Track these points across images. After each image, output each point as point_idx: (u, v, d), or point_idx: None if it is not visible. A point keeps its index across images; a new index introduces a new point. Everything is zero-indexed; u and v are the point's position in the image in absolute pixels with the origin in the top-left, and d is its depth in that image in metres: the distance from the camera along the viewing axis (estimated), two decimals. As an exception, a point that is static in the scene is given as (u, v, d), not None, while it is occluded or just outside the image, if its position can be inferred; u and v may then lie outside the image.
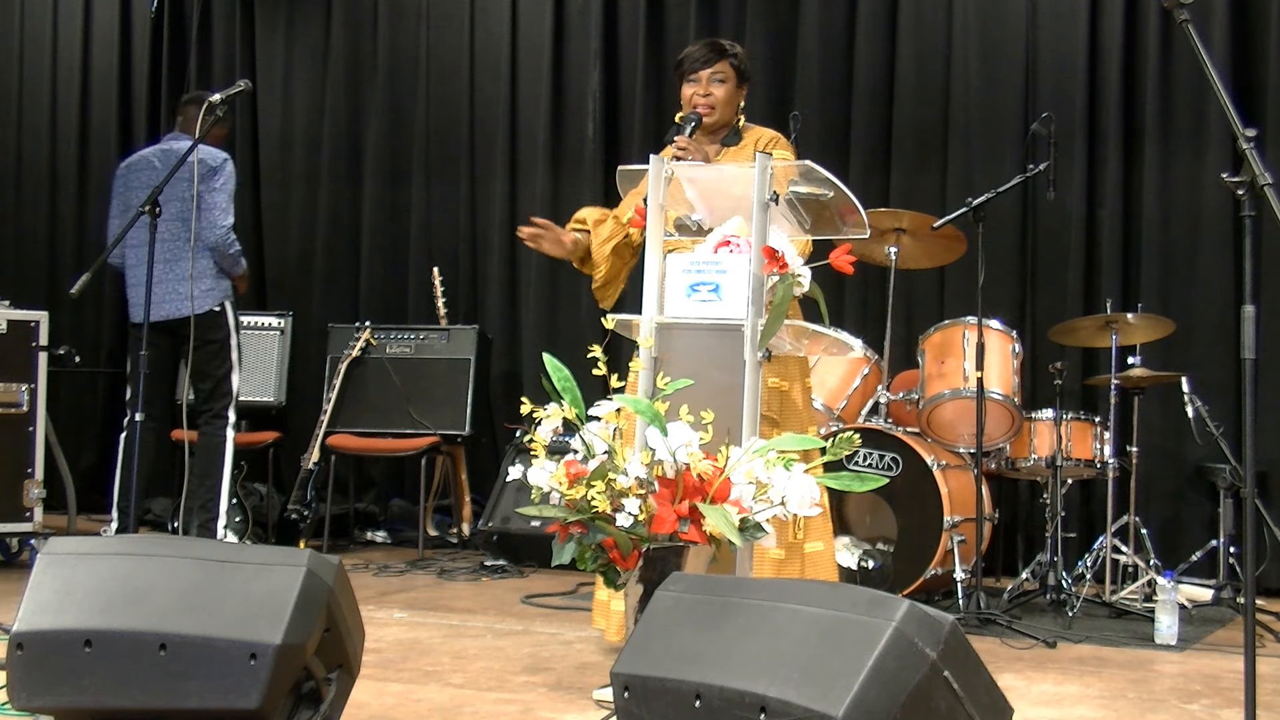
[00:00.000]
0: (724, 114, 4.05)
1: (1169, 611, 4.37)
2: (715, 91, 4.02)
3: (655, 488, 3.14)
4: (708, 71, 4.02)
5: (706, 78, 4.02)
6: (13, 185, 8.12)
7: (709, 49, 4.06)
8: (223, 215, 5.46)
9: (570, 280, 6.84)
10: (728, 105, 4.03)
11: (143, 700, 2.50)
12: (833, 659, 2.21)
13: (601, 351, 3.24)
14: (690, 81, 4.04)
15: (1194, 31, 2.94)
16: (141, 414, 4.53)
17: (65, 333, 6.69)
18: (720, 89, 4.02)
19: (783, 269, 3.42)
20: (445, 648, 4.04)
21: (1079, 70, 5.91)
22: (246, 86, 5.04)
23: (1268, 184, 2.71)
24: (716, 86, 4.02)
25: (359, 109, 7.36)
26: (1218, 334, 5.57)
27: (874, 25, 6.26)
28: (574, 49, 6.91)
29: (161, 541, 3.12)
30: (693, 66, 4.04)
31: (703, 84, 4.02)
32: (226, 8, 7.64)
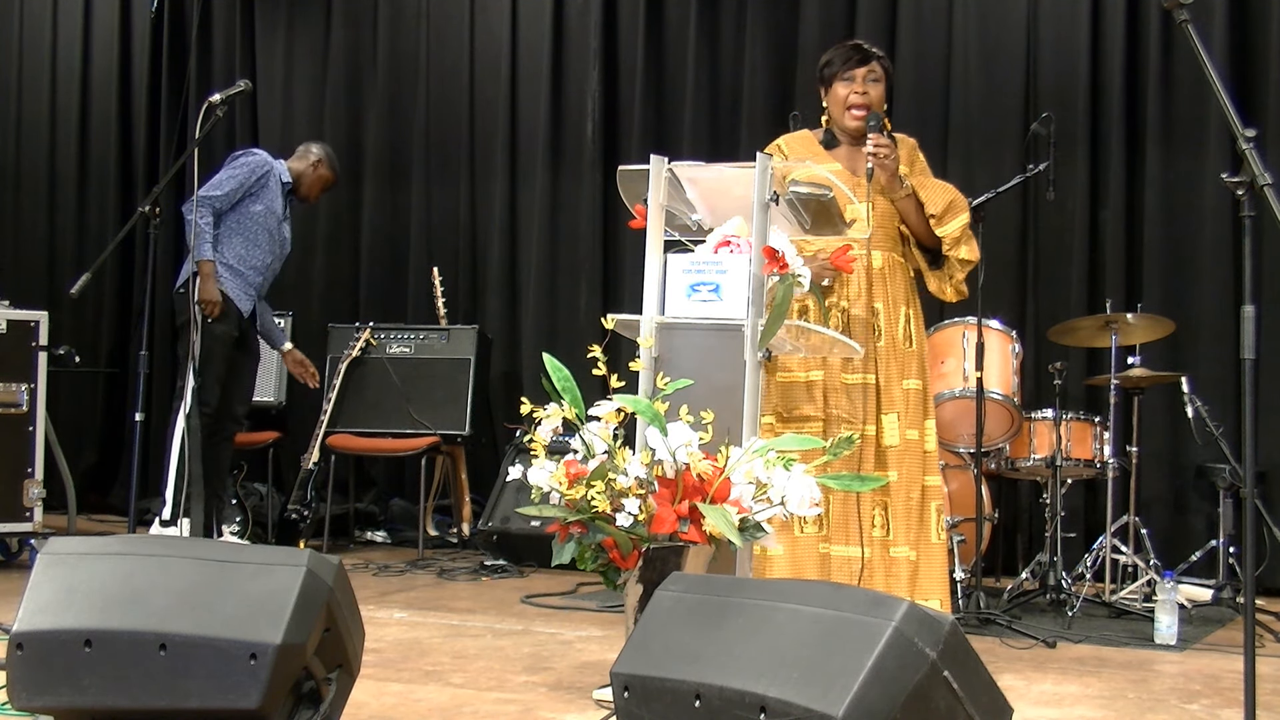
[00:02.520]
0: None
1: (1169, 611, 4.37)
2: (872, 91, 3.95)
3: (655, 488, 3.14)
4: (863, 70, 3.95)
5: (862, 76, 3.94)
6: (13, 185, 8.12)
7: (860, 49, 4.00)
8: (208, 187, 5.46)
9: (570, 280, 6.85)
10: (881, 106, 3.97)
11: (143, 700, 2.50)
12: (833, 659, 2.21)
13: (601, 351, 3.24)
14: (844, 80, 3.95)
15: (1194, 31, 2.94)
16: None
17: (65, 333, 6.68)
18: (876, 89, 3.96)
19: (783, 269, 3.42)
20: (445, 648, 4.04)
21: (1079, 70, 5.91)
22: (246, 86, 5.06)
23: (1267, 184, 2.71)
24: (873, 86, 3.95)
25: (359, 109, 7.36)
26: (1218, 334, 5.57)
27: (874, 25, 6.26)
28: (574, 49, 6.92)
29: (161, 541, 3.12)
30: (846, 66, 3.95)
31: (859, 82, 3.94)
32: (226, 8, 7.65)
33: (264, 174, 5.63)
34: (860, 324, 3.88)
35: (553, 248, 6.88)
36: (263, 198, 5.64)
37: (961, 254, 3.95)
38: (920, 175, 4.01)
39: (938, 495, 3.96)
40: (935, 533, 3.92)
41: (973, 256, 3.99)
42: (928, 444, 3.95)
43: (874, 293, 3.93)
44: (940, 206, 3.90)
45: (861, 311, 3.90)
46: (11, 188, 8.12)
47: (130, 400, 7.35)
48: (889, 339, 3.91)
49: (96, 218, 7.89)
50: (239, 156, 5.65)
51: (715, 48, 6.63)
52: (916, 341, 3.97)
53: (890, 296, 3.94)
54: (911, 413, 3.90)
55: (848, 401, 3.87)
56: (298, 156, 5.94)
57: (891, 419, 3.88)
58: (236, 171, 5.55)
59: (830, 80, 3.99)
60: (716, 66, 6.63)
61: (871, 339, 3.89)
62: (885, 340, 3.91)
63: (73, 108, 8.01)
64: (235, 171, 5.55)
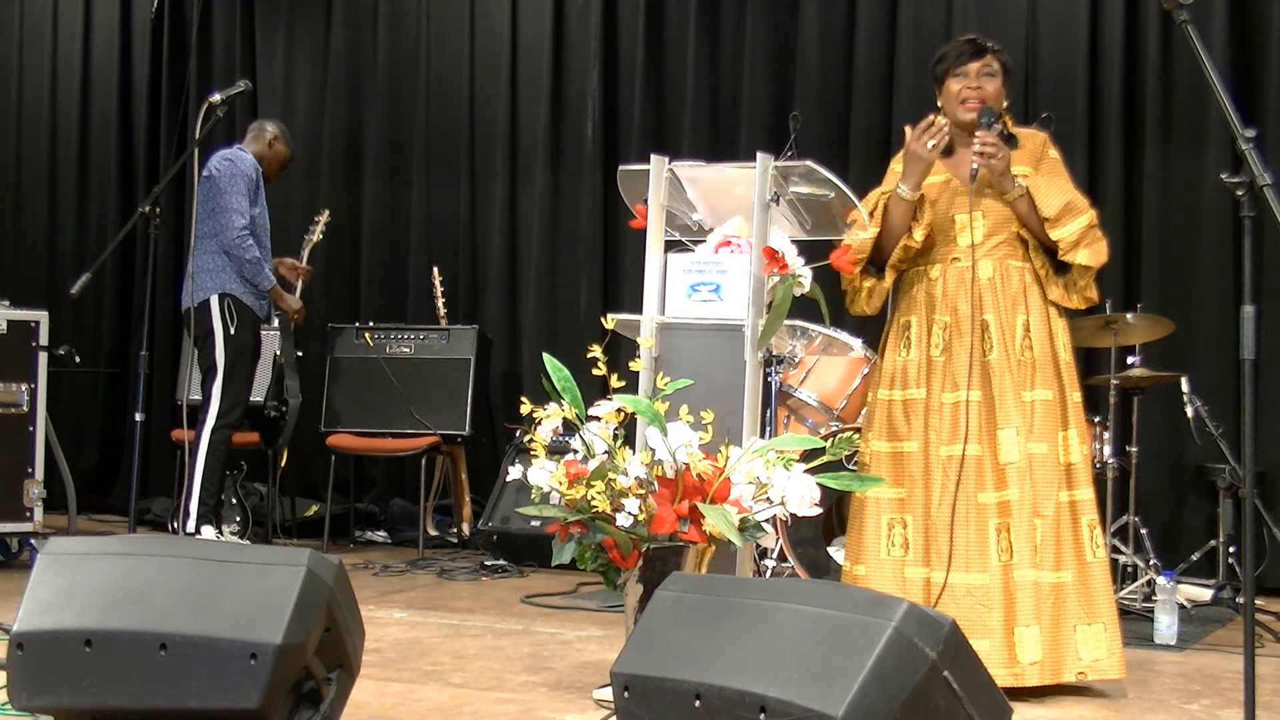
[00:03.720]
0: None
1: (1169, 611, 4.37)
2: (986, 86, 3.71)
3: (655, 488, 3.14)
4: (976, 65, 3.72)
5: (975, 71, 3.72)
6: (13, 185, 8.11)
7: (973, 43, 3.78)
8: (235, 218, 5.48)
9: (570, 280, 6.85)
10: (997, 102, 3.71)
11: (143, 700, 2.50)
12: (833, 659, 2.21)
13: (601, 351, 3.24)
14: (956, 76, 3.74)
15: (1194, 32, 2.94)
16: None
17: (65, 333, 6.68)
18: (990, 83, 3.72)
19: (783, 269, 3.42)
20: (445, 648, 4.04)
21: (1079, 70, 5.91)
22: (246, 86, 5.07)
23: (1267, 184, 2.72)
24: (987, 81, 3.72)
25: (359, 109, 7.36)
26: (1218, 334, 5.57)
27: (874, 25, 6.26)
28: (574, 49, 6.91)
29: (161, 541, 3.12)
30: (959, 61, 3.74)
31: (971, 77, 3.72)
32: (226, 8, 7.64)
33: (257, 177, 5.64)
34: (962, 339, 3.65)
35: (553, 248, 6.88)
36: (258, 199, 5.65)
37: (1080, 258, 3.62)
38: (1048, 174, 3.72)
39: (1089, 510, 3.64)
40: (1091, 550, 3.61)
41: (1094, 261, 3.64)
42: (1068, 456, 3.64)
43: (984, 305, 3.65)
44: (1055, 209, 3.60)
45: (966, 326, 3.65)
46: (11, 188, 8.12)
47: (130, 400, 7.35)
48: (1002, 351, 3.63)
49: (96, 218, 7.89)
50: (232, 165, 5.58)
51: (715, 48, 6.63)
52: (1040, 349, 3.65)
53: (1003, 306, 3.66)
54: (1038, 425, 3.61)
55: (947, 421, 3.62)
56: (253, 138, 5.86)
57: (1009, 434, 3.58)
58: (242, 185, 5.54)
59: (943, 77, 3.78)
60: (716, 66, 6.63)
61: (980, 354, 3.63)
62: (998, 353, 3.63)
63: (73, 108, 8.01)
64: (240, 185, 5.54)
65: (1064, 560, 3.58)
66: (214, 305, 5.50)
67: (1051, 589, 3.56)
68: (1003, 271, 3.69)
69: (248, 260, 5.51)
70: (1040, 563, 3.56)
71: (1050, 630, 3.54)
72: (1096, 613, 3.59)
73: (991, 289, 3.67)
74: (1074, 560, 3.59)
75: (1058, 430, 3.64)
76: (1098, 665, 3.57)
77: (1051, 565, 3.57)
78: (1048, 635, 3.53)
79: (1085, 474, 3.68)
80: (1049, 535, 3.57)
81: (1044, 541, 3.56)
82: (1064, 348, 3.72)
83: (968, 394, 3.62)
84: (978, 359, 3.63)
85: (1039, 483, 3.59)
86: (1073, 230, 3.62)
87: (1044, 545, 3.56)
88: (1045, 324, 3.68)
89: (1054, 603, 3.55)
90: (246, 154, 5.70)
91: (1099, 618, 3.59)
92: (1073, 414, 3.68)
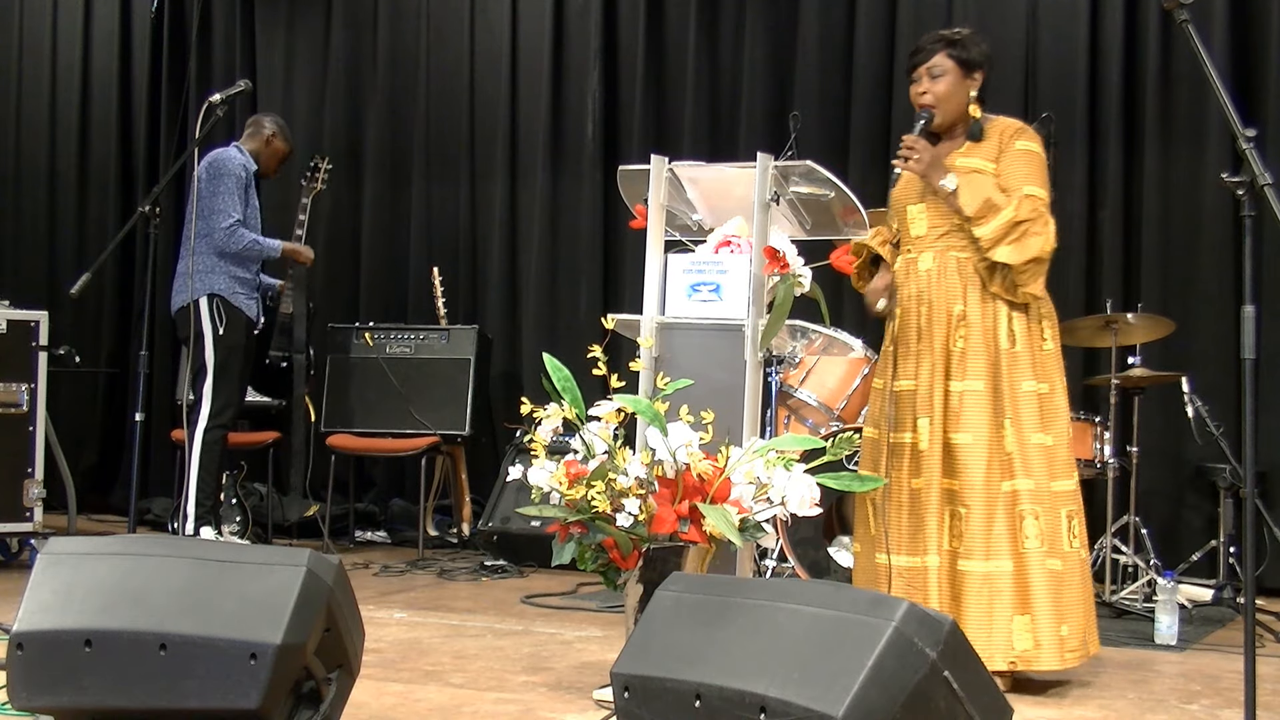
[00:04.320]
0: (948, 111, 3.75)
1: (1169, 611, 4.37)
2: (934, 87, 3.74)
3: (655, 488, 3.14)
4: (925, 66, 3.76)
5: (925, 73, 3.76)
6: (12, 185, 8.11)
7: (929, 41, 3.81)
8: (221, 217, 5.48)
9: (570, 280, 6.84)
10: (949, 100, 3.73)
11: (143, 700, 2.50)
12: (833, 659, 2.21)
13: (601, 351, 3.24)
14: (913, 81, 3.80)
15: (1194, 31, 2.94)
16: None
17: (65, 333, 6.68)
18: (939, 84, 3.74)
19: (783, 269, 3.42)
20: (445, 648, 4.04)
21: (1079, 70, 5.91)
22: (246, 86, 5.06)
23: (1268, 184, 2.72)
24: (935, 82, 3.75)
25: (359, 109, 7.36)
26: (1218, 334, 5.56)
27: (874, 25, 6.26)
28: (574, 49, 6.91)
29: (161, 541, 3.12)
30: (913, 62, 3.80)
31: (922, 81, 3.76)
32: (226, 8, 7.64)
33: (246, 175, 5.64)
34: (911, 329, 3.72)
35: (553, 248, 6.88)
36: (249, 197, 5.66)
37: (999, 255, 3.62)
38: (1010, 165, 3.71)
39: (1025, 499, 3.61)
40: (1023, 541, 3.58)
41: (1014, 259, 3.62)
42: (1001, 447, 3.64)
43: (922, 296, 3.72)
44: (974, 207, 3.62)
45: (912, 317, 3.73)
46: (11, 188, 8.12)
47: (130, 400, 7.35)
48: (928, 341, 3.70)
49: (96, 218, 7.88)
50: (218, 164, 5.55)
51: (715, 48, 6.63)
52: (975, 340, 3.67)
53: (938, 297, 3.70)
54: (964, 416, 3.63)
55: (894, 408, 3.70)
56: (250, 135, 5.87)
57: (924, 423, 3.66)
58: (229, 184, 5.53)
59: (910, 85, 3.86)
60: (716, 66, 6.63)
61: (917, 344, 3.71)
62: (924, 343, 3.70)
63: (73, 108, 8.00)
64: (228, 184, 5.53)
65: (996, 550, 3.57)
66: (202, 306, 5.50)
67: (983, 578, 3.57)
68: (943, 263, 3.72)
69: (243, 249, 5.52)
70: (968, 551, 3.58)
71: (983, 619, 3.53)
72: (1028, 604, 3.56)
73: (929, 280, 3.72)
74: (1009, 551, 3.58)
75: (987, 421, 3.63)
76: (1026, 656, 3.54)
77: (982, 555, 3.58)
78: (980, 624, 3.52)
79: (1036, 464, 3.64)
80: (980, 525, 3.58)
81: (975, 531, 3.58)
82: (1011, 337, 3.69)
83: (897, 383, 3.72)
84: (913, 349, 3.71)
85: (963, 472, 3.60)
86: (992, 228, 3.62)
87: (975, 535, 3.58)
88: (986, 315, 3.68)
89: (988, 592, 3.56)
90: (237, 153, 5.70)
91: (1028, 609, 3.56)
92: (1021, 404, 3.66)
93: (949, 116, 3.77)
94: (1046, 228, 3.68)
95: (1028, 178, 3.69)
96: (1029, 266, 3.66)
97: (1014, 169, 3.70)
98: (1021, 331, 3.70)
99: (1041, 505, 3.61)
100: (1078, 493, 3.72)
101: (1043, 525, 3.60)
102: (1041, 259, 3.69)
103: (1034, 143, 3.78)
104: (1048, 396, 3.71)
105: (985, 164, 3.71)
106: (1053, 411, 3.70)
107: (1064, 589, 3.60)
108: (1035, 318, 3.75)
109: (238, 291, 5.59)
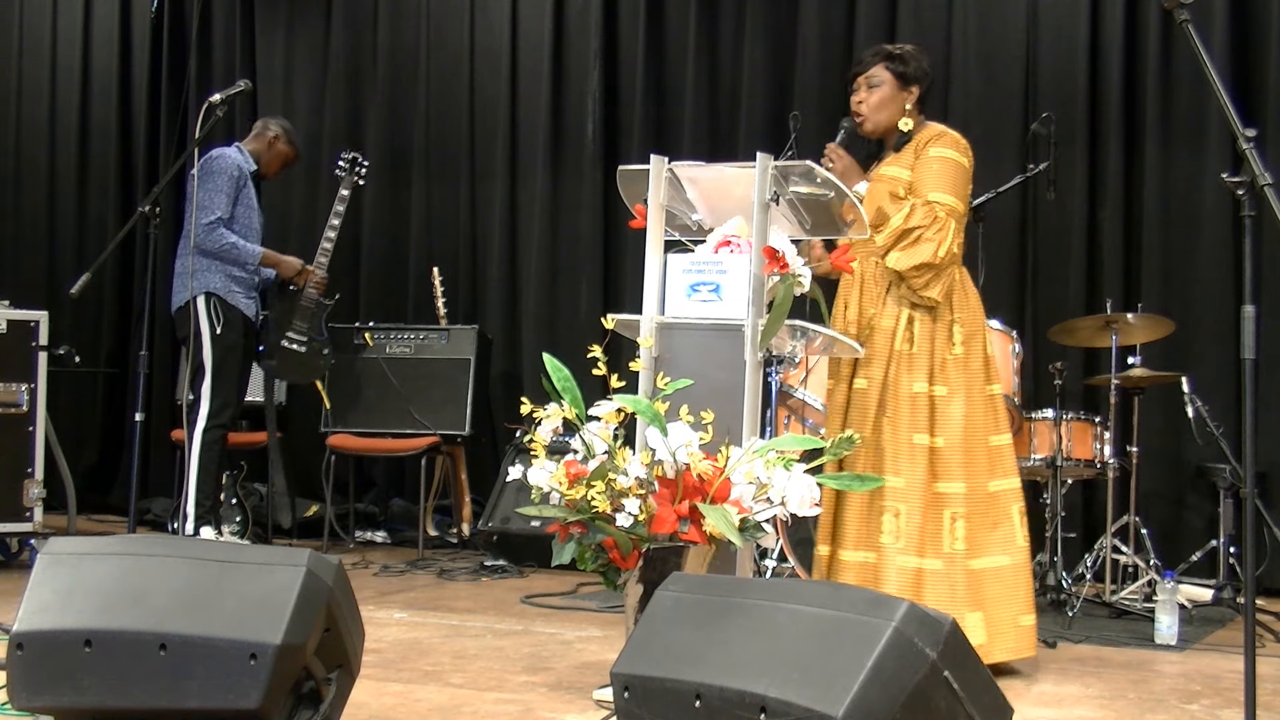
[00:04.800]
0: (880, 120, 3.91)
1: (1169, 611, 4.37)
2: (869, 98, 3.91)
3: (655, 488, 3.14)
4: (864, 77, 3.93)
5: (863, 83, 3.93)
6: (12, 185, 8.11)
7: (869, 54, 3.98)
8: (203, 214, 5.48)
9: (570, 280, 6.84)
10: (881, 110, 3.90)
11: (143, 700, 2.50)
12: (833, 659, 2.21)
13: (601, 351, 3.24)
14: (853, 90, 3.97)
15: (1194, 31, 2.94)
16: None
17: (65, 333, 6.68)
18: (874, 94, 3.91)
19: (783, 269, 3.42)
20: (445, 648, 4.04)
21: (1079, 70, 5.91)
22: (246, 86, 5.06)
23: (1268, 184, 2.72)
24: (870, 92, 3.92)
25: (359, 109, 7.36)
26: (1218, 334, 5.57)
27: (874, 25, 6.25)
28: (574, 49, 6.92)
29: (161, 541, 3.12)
30: (853, 72, 3.97)
31: (860, 90, 3.94)
32: (226, 8, 7.64)
33: (240, 176, 5.63)
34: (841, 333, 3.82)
35: (553, 248, 6.88)
36: (244, 198, 5.66)
37: (890, 262, 3.76)
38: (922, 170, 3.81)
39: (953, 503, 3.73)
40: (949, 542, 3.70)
41: (901, 265, 3.74)
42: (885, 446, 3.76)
43: (849, 301, 3.91)
44: (872, 216, 3.74)
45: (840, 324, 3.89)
46: (11, 188, 8.12)
47: (130, 400, 7.35)
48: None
49: (96, 218, 7.89)
50: (211, 162, 5.56)
51: (715, 48, 6.63)
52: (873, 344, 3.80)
53: (863, 299, 3.87)
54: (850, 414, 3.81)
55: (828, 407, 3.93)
56: (255, 136, 5.88)
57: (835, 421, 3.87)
58: (220, 182, 5.54)
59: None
60: (716, 66, 6.63)
61: None
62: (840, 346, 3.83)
63: (73, 108, 8.01)
64: (218, 182, 5.53)
65: (861, 542, 3.71)
66: (199, 306, 5.50)
67: (857, 568, 3.71)
68: (866, 268, 3.87)
69: (220, 249, 5.52)
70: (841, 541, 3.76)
71: None
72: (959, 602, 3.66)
73: (859, 283, 3.88)
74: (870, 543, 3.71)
75: (870, 419, 3.77)
76: None
77: (852, 545, 3.74)
78: None
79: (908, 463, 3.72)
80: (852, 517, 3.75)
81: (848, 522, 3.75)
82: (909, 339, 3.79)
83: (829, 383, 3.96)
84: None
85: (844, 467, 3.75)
86: (883, 236, 3.77)
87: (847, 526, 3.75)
88: (889, 317, 3.81)
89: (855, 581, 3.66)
90: (235, 152, 5.70)
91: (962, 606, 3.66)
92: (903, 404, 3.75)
93: (880, 126, 3.94)
94: (940, 234, 3.74)
95: (935, 184, 3.78)
96: (919, 272, 3.75)
97: (924, 175, 3.82)
98: (923, 335, 3.80)
99: (907, 504, 3.70)
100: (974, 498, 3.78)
101: (903, 523, 3.70)
102: (933, 264, 3.75)
103: (951, 149, 3.86)
104: (943, 400, 3.79)
105: (902, 171, 3.85)
106: (946, 416, 3.79)
107: (925, 589, 3.68)
108: (944, 323, 3.83)
109: (234, 290, 5.59)
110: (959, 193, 3.82)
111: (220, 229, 5.51)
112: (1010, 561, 3.78)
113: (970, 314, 3.88)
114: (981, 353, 3.88)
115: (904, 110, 3.91)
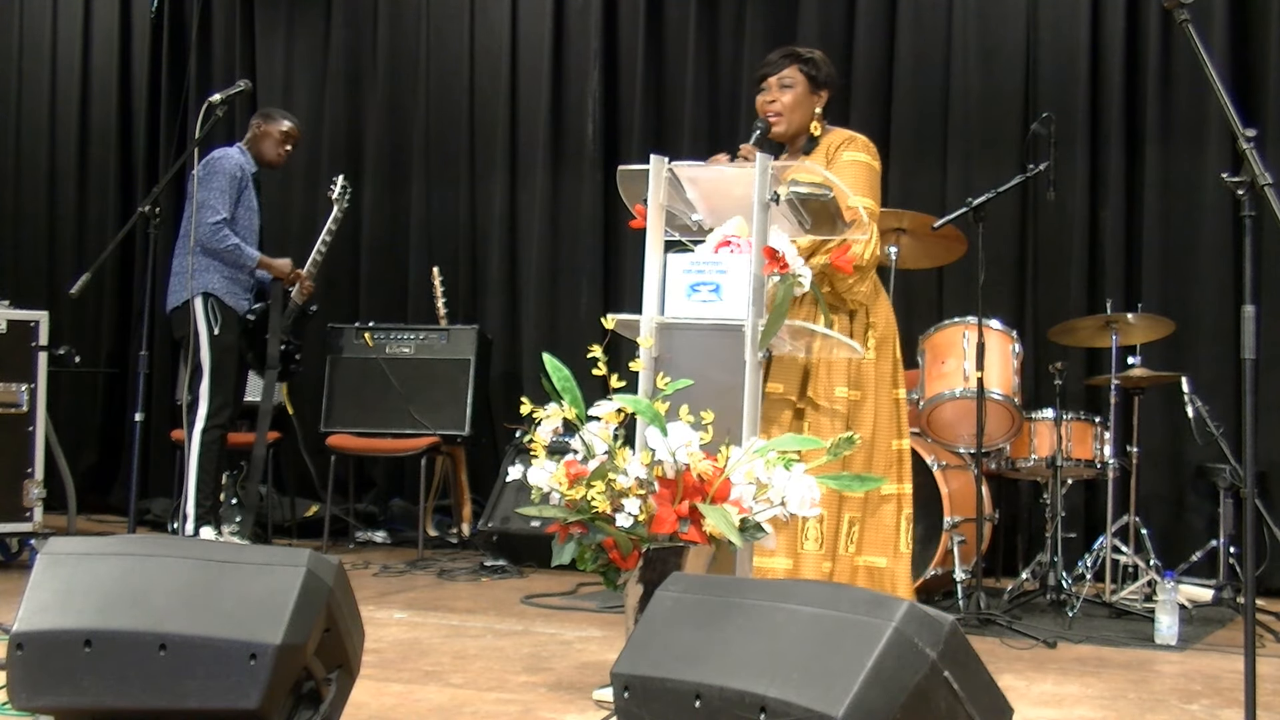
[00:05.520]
0: (793, 121, 3.93)
1: (1169, 611, 4.37)
2: (781, 98, 3.91)
3: (655, 488, 3.14)
4: (775, 78, 3.92)
5: (775, 84, 3.93)
6: (13, 185, 8.12)
7: (779, 55, 3.97)
8: (208, 213, 5.48)
9: (570, 280, 6.84)
10: (795, 111, 3.92)
11: (143, 700, 2.50)
12: (833, 659, 2.21)
13: (601, 351, 3.24)
14: (760, 91, 3.96)
15: (1194, 31, 2.94)
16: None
17: (65, 333, 6.68)
18: (787, 95, 3.91)
19: (783, 269, 3.42)
20: (445, 648, 4.04)
21: (1079, 70, 5.91)
22: (246, 86, 5.06)
23: (1268, 184, 2.72)
24: (783, 93, 3.91)
25: (359, 109, 7.36)
26: (1218, 334, 5.57)
27: (874, 25, 6.26)
28: (574, 49, 6.92)
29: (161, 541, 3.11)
30: (762, 73, 3.96)
31: (770, 91, 3.93)
32: (226, 8, 7.64)
33: (242, 177, 5.63)
34: None
35: (553, 248, 6.88)
36: (245, 200, 5.66)
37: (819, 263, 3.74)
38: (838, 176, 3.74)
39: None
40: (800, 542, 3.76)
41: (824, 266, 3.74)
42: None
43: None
44: None
45: None
46: (11, 188, 8.12)
47: (130, 400, 7.34)
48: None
49: (96, 218, 7.89)
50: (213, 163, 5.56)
51: (715, 48, 6.63)
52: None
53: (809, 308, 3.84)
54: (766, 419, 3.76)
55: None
56: (249, 134, 5.84)
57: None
58: (221, 182, 5.54)
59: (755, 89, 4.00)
60: (716, 66, 6.63)
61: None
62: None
63: (73, 108, 8.01)
64: (220, 183, 5.53)
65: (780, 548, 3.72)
66: (197, 306, 5.50)
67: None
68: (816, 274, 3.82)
69: (224, 249, 5.52)
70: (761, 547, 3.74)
71: None
72: None
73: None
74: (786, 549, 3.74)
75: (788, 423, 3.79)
76: None
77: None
78: None
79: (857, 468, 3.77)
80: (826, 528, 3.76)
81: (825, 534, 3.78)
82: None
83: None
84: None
85: None
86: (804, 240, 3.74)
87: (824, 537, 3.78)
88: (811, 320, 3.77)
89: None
90: (237, 153, 5.70)
91: None
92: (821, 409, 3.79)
93: (793, 128, 3.94)
94: (866, 236, 3.74)
95: (854, 188, 3.76)
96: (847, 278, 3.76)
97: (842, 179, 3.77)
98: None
99: (827, 510, 3.70)
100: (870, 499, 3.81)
101: (824, 529, 3.75)
102: (860, 265, 3.75)
103: (864, 153, 3.89)
104: (857, 404, 3.82)
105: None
106: (858, 420, 3.81)
107: None
108: (861, 327, 3.85)
109: (232, 291, 5.59)
110: (876, 195, 3.87)
111: (225, 229, 5.52)
112: (886, 564, 3.83)
113: (883, 318, 3.92)
114: (891, 356, 3.94)
115: (814, 114, 3.93)
